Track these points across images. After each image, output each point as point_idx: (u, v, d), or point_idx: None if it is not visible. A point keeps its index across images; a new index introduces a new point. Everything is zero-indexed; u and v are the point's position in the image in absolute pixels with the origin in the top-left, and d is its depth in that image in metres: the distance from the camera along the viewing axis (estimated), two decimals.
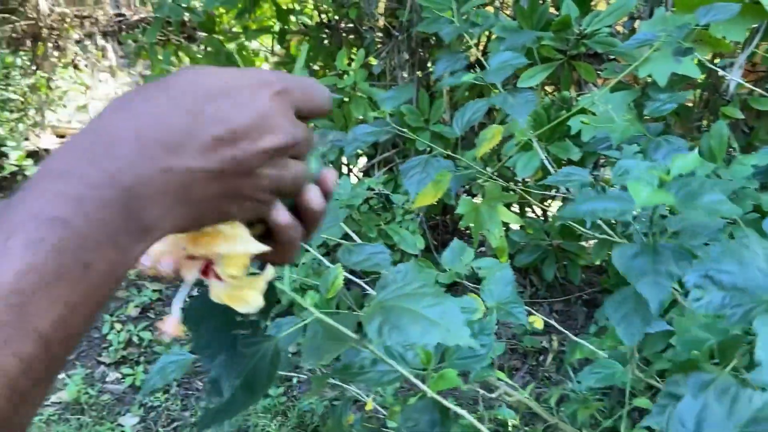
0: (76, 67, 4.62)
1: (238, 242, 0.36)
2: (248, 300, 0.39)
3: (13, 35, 4.39)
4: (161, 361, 1.10)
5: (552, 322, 1.31)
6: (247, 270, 0.39)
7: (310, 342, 0.68)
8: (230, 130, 0.31)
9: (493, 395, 1.01)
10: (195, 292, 0.41)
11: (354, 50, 2.99)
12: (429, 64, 2.85)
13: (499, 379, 1.05)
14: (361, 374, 0.64)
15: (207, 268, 0.38)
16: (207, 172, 0.30)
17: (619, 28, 2.07)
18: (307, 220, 0.38)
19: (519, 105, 1.12)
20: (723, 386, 0.57)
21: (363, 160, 3.13)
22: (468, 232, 3.26)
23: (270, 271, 0.42)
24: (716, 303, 0.56)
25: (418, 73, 2.74)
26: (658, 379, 1.23)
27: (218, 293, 0.39)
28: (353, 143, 1.25)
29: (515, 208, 2.68)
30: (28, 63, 4.44)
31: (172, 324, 0.38)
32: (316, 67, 3.20)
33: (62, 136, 4.80)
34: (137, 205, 0.29)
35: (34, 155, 4.48)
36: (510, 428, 1.93)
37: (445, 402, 0.74)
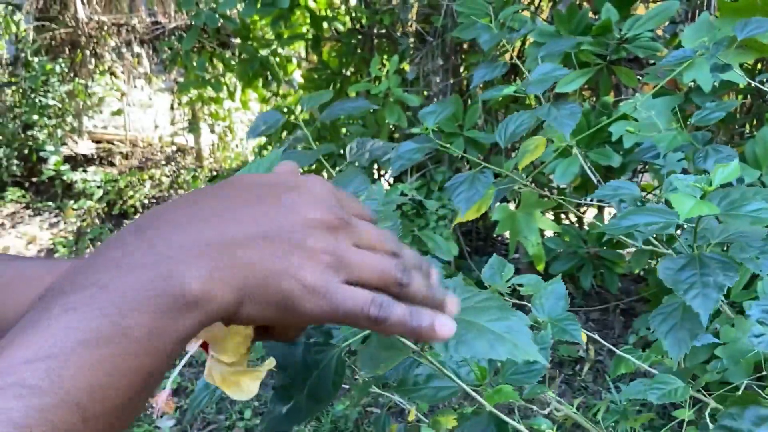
0: (112, 74, 4.72)
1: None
2: (243, 388, 0.38)
3: (53, 43, 4.50)
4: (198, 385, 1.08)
5: (591, 336, 1.29)
6: (246, 358, 0.38)
7: (366, 350, 0.67)
8: (272, 204, 0.32)
9: (545, 412, 0.99)
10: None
11: (387, 56, 3.00)
12: (462, 70, 2.84)
13: (550, 398, 1.03)
14: (416, 391, 0.63)
15: (206, 347, 0.37)
16: (249, 236, 0.30)
17: (660, 32, 2.03)
18: None
19: (564, 117, 1.09)
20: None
21: None
22: (500, 238, 3.24)
23: (271, 362, 0.40)
24: None
25: (451, 79, 2.73)
26: (704, 393, 1.20)
27: (214, 374, 0.38)
28: (398, 161, 1.22)
29: (550, 214, 2.66)
30: (66, 70, 4.55)
31: (163, 399, 0.37)
32: (348, 73, 3.22)
33: (98, 142, 4.90)
34: (176, 270, 0.28)
35: (72, 160, 4.58)
36: None
37: (503, 416, 0.72)
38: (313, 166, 3.40)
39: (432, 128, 1.16)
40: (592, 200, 1.94)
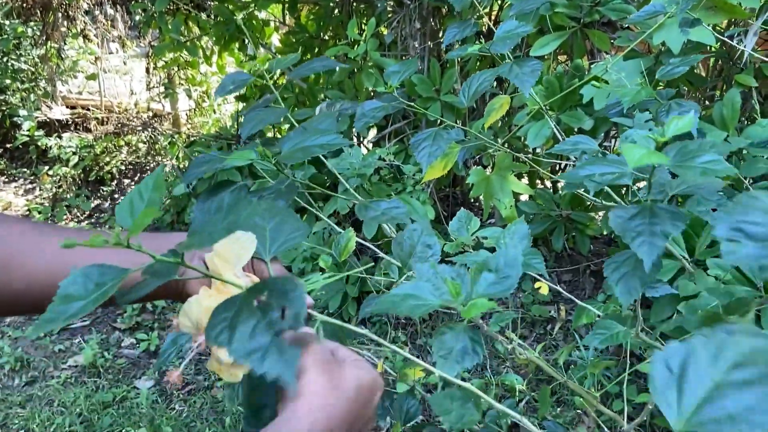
0: (85, 37, 4.62)
1: None
2: (233, 376, 0.54)
3: (24, 5, 4.38)
4: (173, 333, 1.11)
5: (560, 288, 1.32)
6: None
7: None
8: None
9: (508, 346, 1.03)
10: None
11: (364, 19, 2.97)
12: (440, 34, 2.83)
13: (510, 339, 1.07)
14: (397, 306, 0.66)
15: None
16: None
17: None
18: None
19: (524, 74, 1.11)
20: (710, 332, 0.58)
21: (374, 132, 3.13)
22: (477, 204, 3.27)
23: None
24: (751, 254, 0.56)
25: (429, 43, 2.72)
26: (662, 342, 1.25)
27: (213, 364, 0.54)
28: (362, 119, 1.23)
29: (525, 179, 2.69)
30: (39, 33, 4.44)
31: (176, 375, 0.55)
32: (326, 37, 3.19)
33: (73, 107, 4.82)
34: None
35: (46, 126, 4.51)
36: (517, 393, 1.96)
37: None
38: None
39: (402, 85, 1.17)
40: (564, 162, 1.97)
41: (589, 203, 2.37)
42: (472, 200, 3.19)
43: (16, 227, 0.56)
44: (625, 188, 2.00)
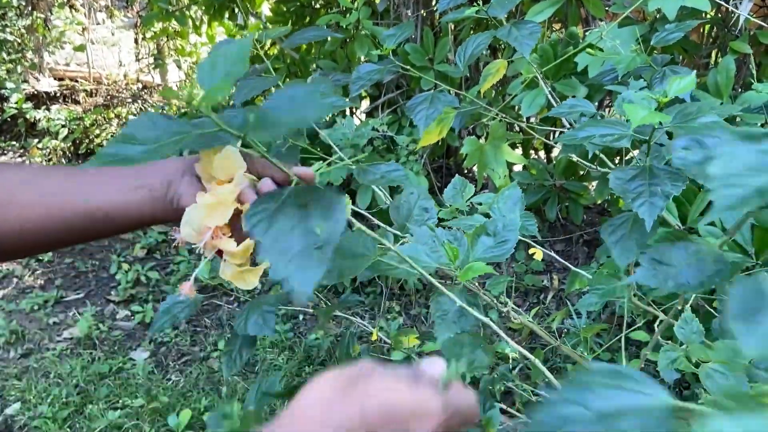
0: (72, 7, 4.53)
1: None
2: (247, 281, 0.53)
3: None
4: (168, 301, 1.11)
5: (553, 254, 1.33)
6: (249, 260, 0.53)
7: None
8: None
9: (503, 310, 1.04)
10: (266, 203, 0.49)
11: None
12: (434, 2, 2.79)
13: (504, 303, 1.08)
14: (391, 270, 0.66)
15: (220, 254, 0.53)
16: None
17: None
18: None
19: (523, 37, 1.09)
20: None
21: (367, 102, 3.11)
22: (471, 175, 3.27)
23: (265, 264, 0.54)
24: (696, 159, 0.60)
25: (422, 11, 2.68)
26: (654, 307, 1.26)
27: (226, 272, 0.53)
28: (358, 82, 1.22)
29: (519, 150, 2.68)
30: (24, 3, 4.35)
31: (188, 287, 0.53)
32: (317, 6, 3.14)
33: (61, 79, 4.75)
34: None
35: (34, 98, 4.45)
36: (510, 360, 1.99)
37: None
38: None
39: (395, 53, 1.16)
40: (555, 124, 1.96)
41: (582, 172, 2.37)
42: (466, 171, 3.19)
43: (11, 168, 0.55)
44: (618, 157, 2.00)
